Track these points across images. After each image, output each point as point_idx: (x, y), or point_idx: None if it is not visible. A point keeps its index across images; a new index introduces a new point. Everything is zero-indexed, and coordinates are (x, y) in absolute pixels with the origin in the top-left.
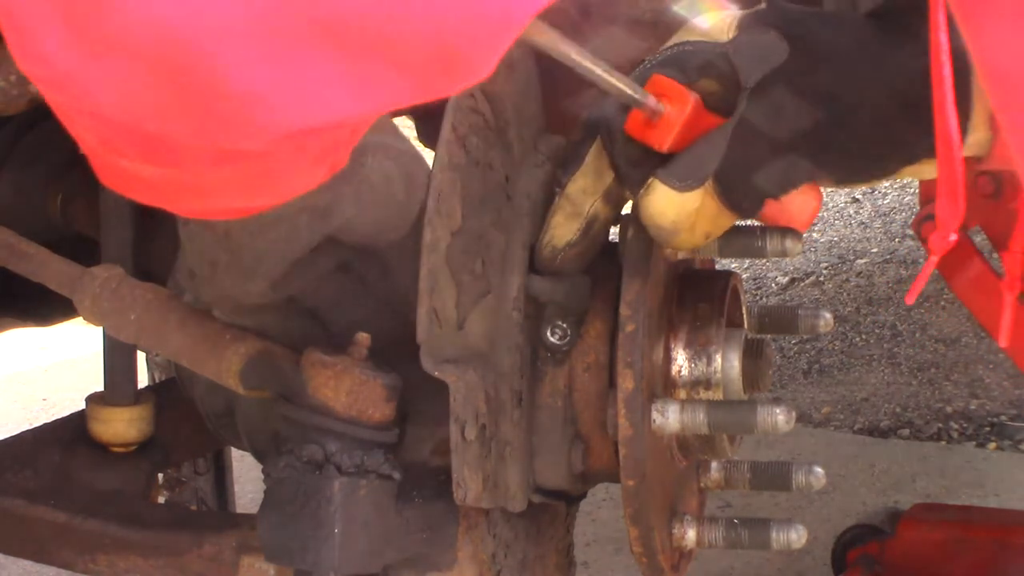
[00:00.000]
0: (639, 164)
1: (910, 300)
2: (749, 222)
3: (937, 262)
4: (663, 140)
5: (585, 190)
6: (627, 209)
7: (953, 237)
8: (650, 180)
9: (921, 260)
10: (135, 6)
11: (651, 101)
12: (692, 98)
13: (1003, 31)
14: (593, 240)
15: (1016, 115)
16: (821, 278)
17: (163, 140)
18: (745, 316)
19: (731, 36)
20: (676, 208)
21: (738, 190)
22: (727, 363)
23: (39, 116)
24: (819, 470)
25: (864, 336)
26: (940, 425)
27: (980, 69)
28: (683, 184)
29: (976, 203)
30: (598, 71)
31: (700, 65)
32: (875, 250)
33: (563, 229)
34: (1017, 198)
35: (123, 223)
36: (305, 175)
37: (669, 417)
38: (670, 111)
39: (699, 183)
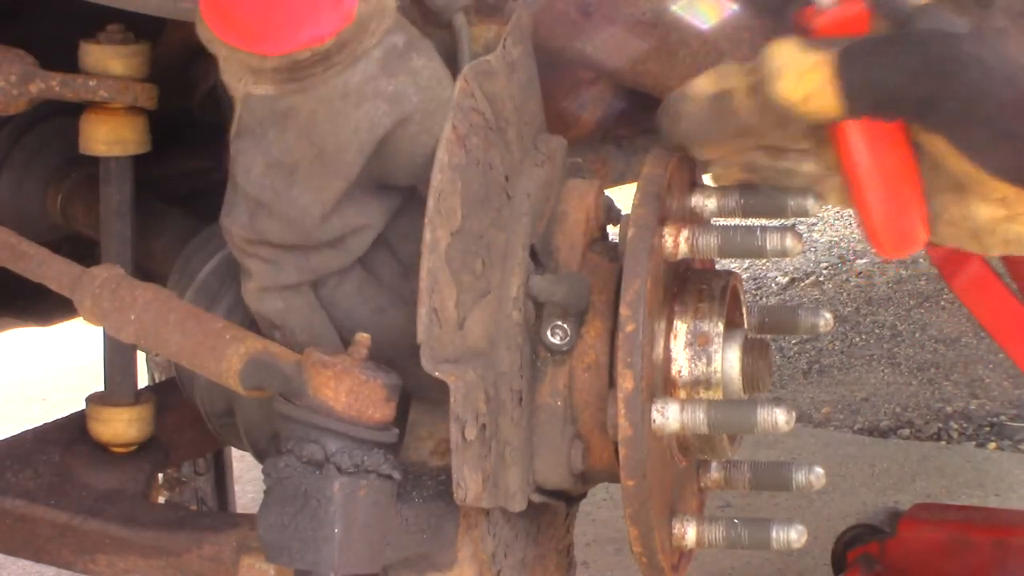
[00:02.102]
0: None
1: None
2: (749, 222)
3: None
4: (816, 21)
5: (732, 67)
6: (627, 209)
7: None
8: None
9: (921, 260)
10: None
11: None
12: (862, 4)
13: None
14: (716, 114)
15: None
16: (821, 278)
17: None
18: (745, 316)
19: None
20: (795, 67)
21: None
22: (727, 363)
23: (39, 116)
24: (819, 470)
25: (864, 336)
26: (940, 425)
27: None
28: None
29: None
30: None
31: None
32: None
33: (699, 83)
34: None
35: (123, 223)
36: None
37: (669, 417)
38: (838, 7)
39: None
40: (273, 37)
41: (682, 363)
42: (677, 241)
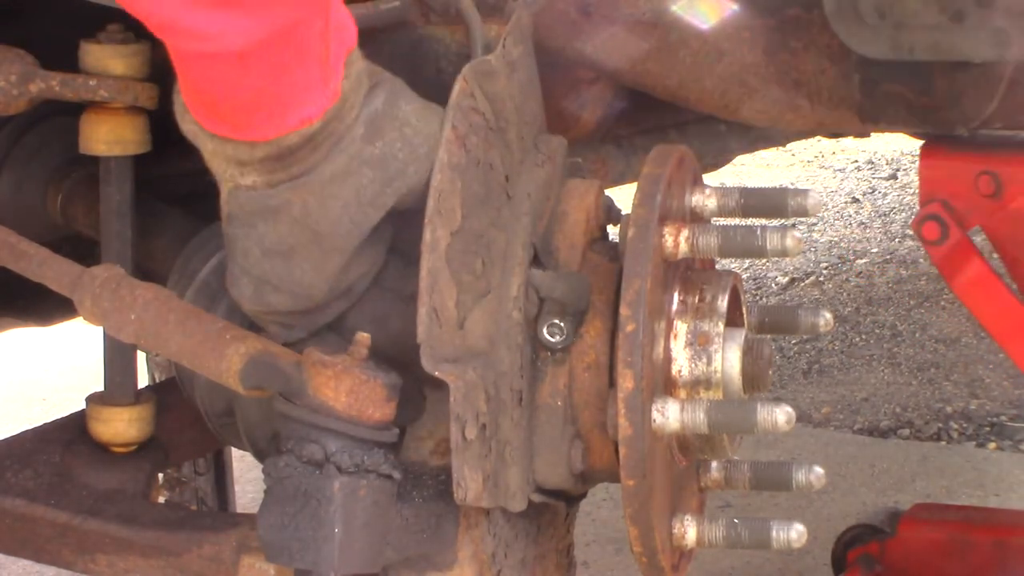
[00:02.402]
0: None
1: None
2: (749, 222)
3: None
4: None
5: None
6: (627, 209)
7: None
8: None
9: (921, 260)
10: None
11: None
12: None
13: None
14: None
15: None
16: (821, 278)
17: None
18: (745, 316)
19: None
20: None
21: None
22: (727, 363)
23: (39, 116)
24: (819, 470)
25: (864, 336)
26: (940, 425)
27: None
28: None
29: (976, 203)
30: None
31: None
32: (875, 250)
33: None
34: (1018, 198)
35: (123, 223)
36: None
37: (669, 417)
38: None
39: None
40: (262, 123)
41: (682, 363)
42: (677, 241)
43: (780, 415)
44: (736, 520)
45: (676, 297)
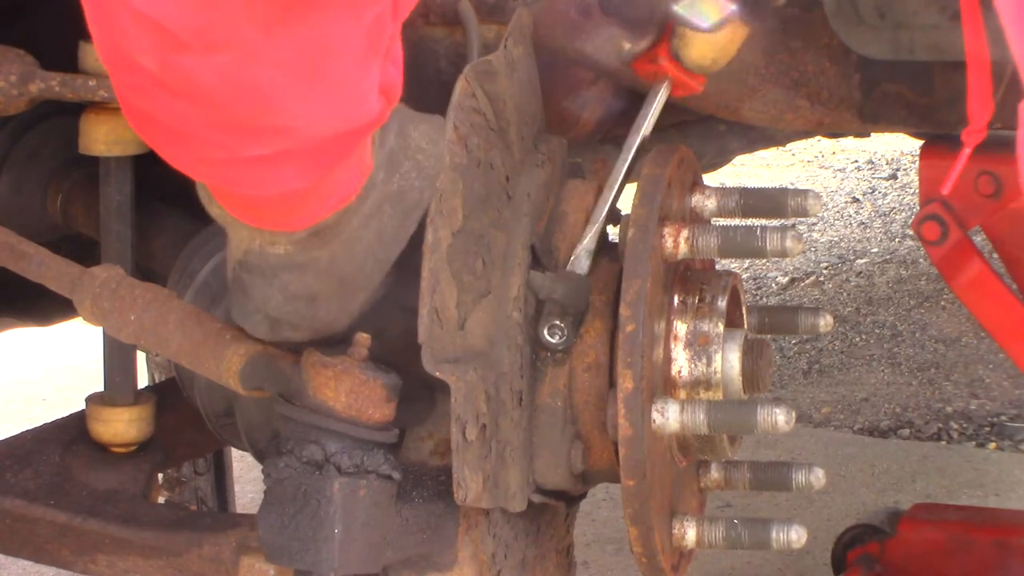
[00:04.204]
0: None
1: (945, 190)
2: (749, 222)
3: (969, 155)
4: None
5: None
6: (627, 209)
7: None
8: (683, 31)
9: (921, 260)
10: None
11: None
12: None
13: None
14: None
15: None
16: (821, 278)
17: None
18: (745, 316)
19: None
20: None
21: None
22: (727, 363)
23: (39, 116)
24: (819, 470)
25: (864, 336)
26: (940, 425)
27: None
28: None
29: (976, 203)
30: None
31: None
32: (875, 250)
33: None
34: (1018, 198)
35: (123, 223)
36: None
37: (669, 417)
38: None
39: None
40: (304, 218)
41: (682, 363)
42: (677, 241)
43: (780, 415)
44: (736, 521)
45: (676, 297)
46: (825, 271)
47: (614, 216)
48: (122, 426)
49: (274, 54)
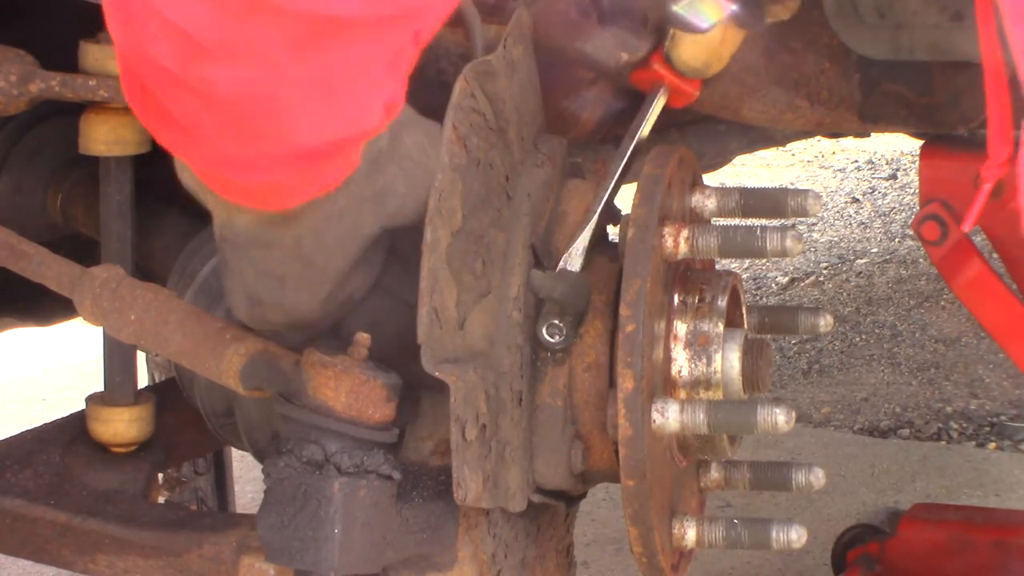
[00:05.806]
0: None
1: (966, 227)
2: (749, 222)
3: (989, 191)
4: None
5: None
6: (627, 209)
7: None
8: (673, 33)
9: (921, 260)
10: None
11: None
12: None
13: None
14: None
15: None
16: (821, 278)
17: None
18: (745, 316)
19: None
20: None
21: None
22: (727, 363)
23: (39, 116)
24: (819, 470)
25: (864, 336)
26: (940, 425)
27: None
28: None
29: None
30: None
31: None
32: (875, 250)
33: None
34: (1017, 198)
35: (123, 223)
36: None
37: (669, 417)
38: None
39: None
40: (288, 196)
41: (682, 363)
42: (677, 241)
43: (780, 415)
44: (736, 520)
45: (676, 297)
46: (825, 271)
47: (614, 216)
48: (122, 426)
49: (296, 73)
